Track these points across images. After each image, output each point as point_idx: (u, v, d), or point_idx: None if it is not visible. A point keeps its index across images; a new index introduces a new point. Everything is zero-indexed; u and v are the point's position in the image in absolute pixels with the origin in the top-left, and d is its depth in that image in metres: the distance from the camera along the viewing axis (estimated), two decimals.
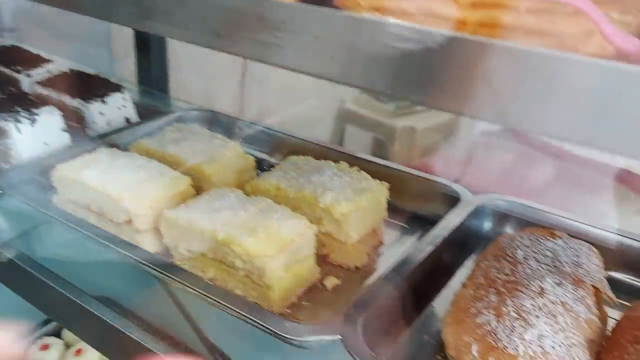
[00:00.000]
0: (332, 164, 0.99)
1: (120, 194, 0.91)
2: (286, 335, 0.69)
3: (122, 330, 0.81)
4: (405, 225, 1.05)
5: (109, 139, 1.17)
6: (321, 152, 1.09)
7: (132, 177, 0.95)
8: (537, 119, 0.37)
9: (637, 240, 0.92)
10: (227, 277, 0.83)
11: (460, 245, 0.94)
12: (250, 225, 0.80)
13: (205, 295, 0.75)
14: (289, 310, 0.81)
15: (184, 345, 0.80)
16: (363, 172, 0.97)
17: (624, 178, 1.57)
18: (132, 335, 0.80)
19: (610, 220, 1.12)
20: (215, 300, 0.74)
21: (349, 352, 0.65)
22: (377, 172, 0.99)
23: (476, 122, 1.86)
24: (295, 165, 1.00)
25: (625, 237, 0.93)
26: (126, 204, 0.91)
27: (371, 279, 0.89)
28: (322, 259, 0.93)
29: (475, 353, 0.65)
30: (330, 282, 0.87)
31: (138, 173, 0.96)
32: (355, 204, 0.88)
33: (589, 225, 0.95)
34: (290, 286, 0.81)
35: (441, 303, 0.83)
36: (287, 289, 0.80)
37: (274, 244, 0.77)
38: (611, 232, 0.93)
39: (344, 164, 0.99)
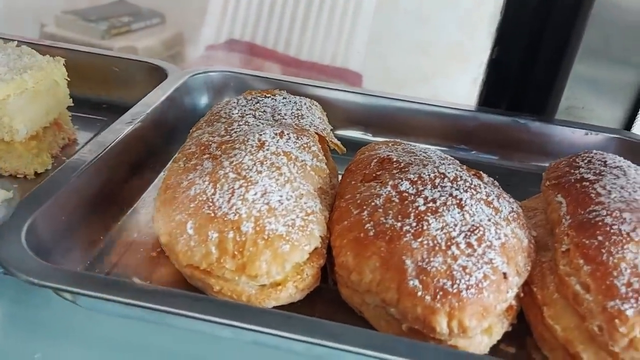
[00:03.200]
0: None
1: None
2: None
3: None
4: (101, 118, 0.84)
5: None
6: None
7: None
8: None
9: (358, 94, 0.87)
10: None
11: (173, 125, 0.77)
12: None
13: None
14: None
15: None
16: (25, 47, 0.72)
17: (342, 75, 1.61)
18: None
19: None
20: None
21: (7, 270, 0.44)
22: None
23: (204, 36, 1.70)
24: None
25: (347, 91, 0.87)
26: None
27: None
28: None
29: (191, 231, 0.50)
30: None
31: None
32: (16, 86, 0.64)
33: (311, 85, 0.87)
34: None
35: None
36: None
37: None
38: (334, 89, 0.87)
39: None
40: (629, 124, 0.96)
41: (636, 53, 0.90)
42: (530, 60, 1.01)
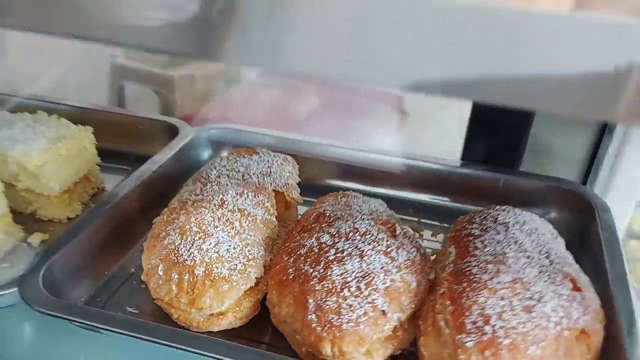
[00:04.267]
0: (28, 115, 0.93)
1: None
2: None
3: None
4: (128, 168, 1.04)
5: None
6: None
7: None
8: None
9: (339, 148, 1.01)
10: None
11: (178, 176, 0.95)
12: None
13: None
14: None
15: None
16: (63, 119, 0.92)
17: (387, 99, 1.73)
18: None
19: (377, 139, 1.25)
20: None
21: (27, 304, 0.63)
22: (95, 120, 0.97)
23: None
24: None
25: (329, 145, 1.01)
26: None
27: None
28: (30, 218, 0.89)
29: (160, 272, 0.67)
30: (36, 238, 0.84)
31: None
32: (52, 154, 0.84)
33: (299, 140, 1.02)
34: None
35: None
36: None
37: None
38: (318, 143, 1.01)
39: (42, 114, 0.94)
40: (589, 166, 1.05)
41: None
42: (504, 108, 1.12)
